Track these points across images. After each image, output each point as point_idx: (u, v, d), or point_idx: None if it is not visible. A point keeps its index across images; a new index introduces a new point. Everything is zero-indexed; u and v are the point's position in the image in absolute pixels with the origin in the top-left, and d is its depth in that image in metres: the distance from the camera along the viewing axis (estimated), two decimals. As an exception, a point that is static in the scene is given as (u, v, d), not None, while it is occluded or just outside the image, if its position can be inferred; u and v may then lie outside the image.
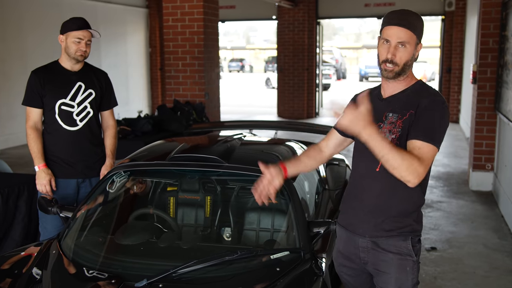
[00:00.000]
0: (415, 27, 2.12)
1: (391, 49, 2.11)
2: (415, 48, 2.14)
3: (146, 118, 6.48)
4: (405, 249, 2.20)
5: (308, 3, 13.02)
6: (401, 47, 2.11)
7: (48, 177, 3.27)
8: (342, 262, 2.40)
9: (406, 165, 1.96)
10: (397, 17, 2.13)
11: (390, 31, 2.12)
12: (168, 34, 7.40)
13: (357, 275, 2.39)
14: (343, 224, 2.36)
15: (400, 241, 2.19)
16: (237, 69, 44.55)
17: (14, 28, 9.68)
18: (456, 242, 4.90)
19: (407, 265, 2.21)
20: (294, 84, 13.52)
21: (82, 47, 3.26)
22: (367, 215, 2.23)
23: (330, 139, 2.46)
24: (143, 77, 14.17)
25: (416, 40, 2.14)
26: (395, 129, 2.14)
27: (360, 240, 2.26)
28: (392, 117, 2.16)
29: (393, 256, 2.20)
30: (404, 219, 2.20)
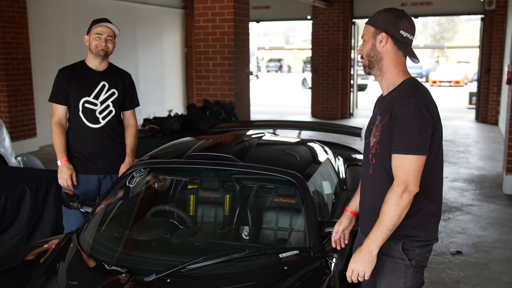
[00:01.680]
0: (372, 18, 2.18)
1: (360, 46, 2.25)
2: (373, 38, 2.15)
3: (175, 117, 6.58)
4: (396, 252, 2.19)
5: (343, 3, 12.92)
6: (363, 42, 2.22)
7: (69, 172, 3.39)
8: None
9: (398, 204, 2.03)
10: None
11: None
12: (199, 34, 7.50)
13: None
14: (362, 228, 2.39)
15: (392, 244, 2.18)
16: (275, 69, 44.56)
17: (54, 28, 10.01)
18: (483, 247, 4.79)
19: (399, 268, 2.19)
20: (328, 85, 13.45)
21: (102, 42, 3.37)
22: (367, 216, 2.28)
23: None
24: (179, 76, 14.39)
25: (373, 31, 2.15)
26: (377, 132, 2.15)
27: (364, 239, 2.27)
28: (378, 119, 2.17)
29: (385, 258, 2.21)
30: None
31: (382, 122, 2.12)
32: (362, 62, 2.24)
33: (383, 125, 2.11)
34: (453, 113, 15.04)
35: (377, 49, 2.16)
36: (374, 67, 2.19)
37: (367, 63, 2.20)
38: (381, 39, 2.14)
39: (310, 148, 3.57)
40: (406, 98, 2.07)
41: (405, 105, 2.04)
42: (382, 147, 2.12)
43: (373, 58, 2.17)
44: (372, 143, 2.16)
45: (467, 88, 25.81)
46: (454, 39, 53.38)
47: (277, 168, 2.92)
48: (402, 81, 2.16)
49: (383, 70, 2.18)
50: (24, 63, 9.09)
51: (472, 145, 10.00)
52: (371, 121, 2.26)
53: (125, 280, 2.36)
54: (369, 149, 2.21)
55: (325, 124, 5.95)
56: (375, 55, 2.16)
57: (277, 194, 3.09)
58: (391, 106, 2.10)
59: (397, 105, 2.07)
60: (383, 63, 2.17)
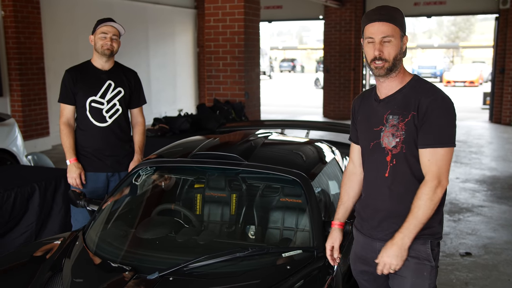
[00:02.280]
0: (396, 19, 2.08)
1: (377, 46, 2.08)
2: (400, 41, 2.09)
3: (185, 117, 6.60)
4: (423, 253, 2.15)
5: (355, 2, 12.87)
6: (386, 43, 2.07)
7: (78, 171, 3.42)
8: (359, 266, 2.38)
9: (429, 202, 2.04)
10: (377, 13, 2.09)
11: (372, 28, 2.09)
12: (210, 34, 7.52)
13: (373, 279, 2.36)
14: (360, 228, 2.34)
15: (419, 245, 2.15)
16: (288, 69, 44.52)
17: (67, 29, 10.11)
18: (493, 248, 4.74)
19: (425, 270, 2.16)
20: (340, 85, 13.40)
21: (108, 41, 3.39)
22: (385, 221, 2.20)
23: (354, 155, 2.42)
24: (191, 76, 14.44)
25: (400, 33, 2.09)
26: (398, 132, 2.10)
27: (378, 244, 2.23)
28: (393, 119, 2.11)
29: (411, 260, 2.15)
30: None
31: (405, 120, 2.08)
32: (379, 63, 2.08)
33: (407, 122, 2.07)
34: (466, 113, 14.90)
35: (402, 50, 2.12)
36: (394, 70, 2.10)
37: (390, 66, 2.08)
38: (405, 42, 2.12)
39: (317, 148, 3.56)
40: (432, 92, 2.08)
41: (436, 100, 2.05)
42: (408, 145, 2.09)
43: (398, 61, 2.10)
44: (393, 143, 2.11)
45: (481, 88, 25.55)
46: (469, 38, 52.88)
47: (281, 167, 2.92)
48: (410, 78, 2.15)
49: (400, 71, 2.14)
50: (38, 62, 9.19)
51: (485, 145, 9.90)
52: (373, 123, 2.18)
53: (128, 278, 2.37)
54: (383, 151, 2.15)
55: (335, 124, 5.93)
56: (400, 58, 2.11)
57: (282, 193, 3.09)
58: (413, 102, 2.07)
59: (425, 100, 2.05)
60: (401, 64, 2.14)
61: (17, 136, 6.06)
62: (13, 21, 8.64)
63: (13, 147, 5.96)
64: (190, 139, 3.75)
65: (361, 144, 2.30)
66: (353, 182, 2.43)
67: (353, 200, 2.45)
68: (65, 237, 2.85)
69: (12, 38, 8.72)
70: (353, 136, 2.41)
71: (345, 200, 2.45)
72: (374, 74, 2.14)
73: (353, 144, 2.42)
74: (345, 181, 2.46)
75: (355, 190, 2.43)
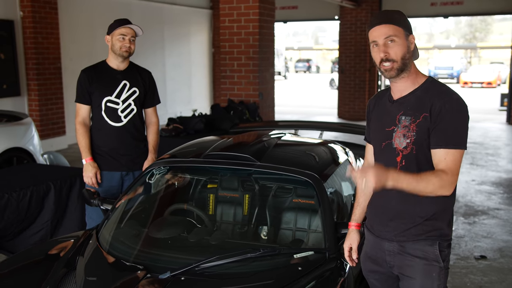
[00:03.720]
0: (397, 19, 2.10)
1: (381, 48, 2.09)
2: (406, 40, 2.10)
3: (199, 117, 6.63)
4: (432, 254, 2.15)
5: (371, 3, 12.81)
6: (390, 43, 2.08)
7: (94, 170, 3.46)
8: (369, 266, 2.38)
9: (437, 185, 1.98)
10: (377, 18, 2.13)
11: (374, 32, 2.12)
12: (224, 34, 7.54)
13: (384, 280, 2.36)
14: (370, 228, 2.34)
15: (427, 246, 2.15)
16: (304, 69, 44.45)
17: (84, 29, 10.21)
18: (509, 252, 4.68)
19: (433, 271, 2.15)
20: (355, 85, 13.35)
21: (126, 43, 3.43)
22: (393, 221, 2.20)
23: (369, 155, 2.43)
24: (206, 76, 14.49)
25: (404, 32, 2.10)
26: (409, 133, 2.10)
27: (387, 244, 2.23)
28: (405, 120, 2.11)
29: (419, 261, 2.15)
30: (433, 222, 2.15)
31: (416, 122, 2.08)
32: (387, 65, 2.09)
33: (419, 124, 2.07)
34: (483, 115, 14.73)
35: (410, 49, 2.12)
36: (405, 70, 2.11)
37: (400, 66, 2.09)
38: (411, 41, 2.13)
39: (330, 149, 3.55)
40: (446, 94, 2.08)
41: (450, 101, 2.05)
42: (418, 146, 2.09)
43: (407, 60, 2.10)
44: (404, 144, 2.11)
45: (499, 89, 25.23)
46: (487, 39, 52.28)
47: (293, 168, 2.92)
48: (425, 80, 2.16)
49: (410, 71, 2.14)
50: (55, 62, 9.30)
51: (502, 147, 9.78)
52: (386, 124, 2.19)
53: (140, 277, 2.39)
54: (393, 151, 2.15)
55: (349, 125, 5.91)
56: (409, 57, 2.12)
57: (294, 194, 3.09)
58: (426, 104, 2.07)
59: (438, 101, 2.05)
60: (411, 64, 2.14)
61: (33, 135, 6.14)
62: (31, 21, 8.75)
63: (30, 146, 6.04)
64: (203, 139, 3.76)
65: (373, 144, 2.31)
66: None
67: (368, 200, 2.44)
68: (79, 235, 2.89)
69: (30, 39, 8.84)
70: (368, 136, 2.42)
71: (361, 201, 2.45)
72: (385, 76, 2.16)
73: (368, 144, 2.43)
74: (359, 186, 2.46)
75: (370, 191, 2.42)
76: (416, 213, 2.13)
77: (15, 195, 3.72)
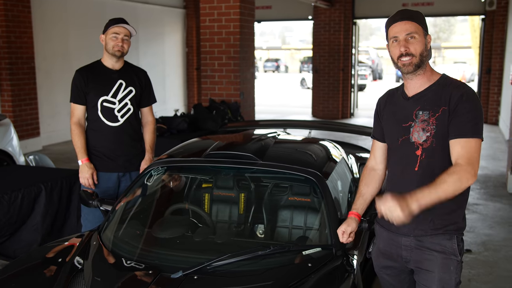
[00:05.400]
0: (418, 18, 2.18)
1: (402, 43, 2.16)
2: (424, 38, 2.18)
3: (182, 117, 6.60)
4: (450, 248, 2.20)
5: (344, 3, 12.96)
6: (411, 39, 2.16)
7: (90, 171, 3.42)
8: (382, 262, 2.41)
9: (458, 182, 2.01)
10: (399, 14, 2.20)
11: (395, 28, 2.18)
12: (205, 34, 7.52)
13: (397, 274, 2.39)
14: (384, 224, 2.36)
15: (445, 240, 2.19)
16: (273, 69, 44.59)
17: (57, 28, 10.00)
18: (492, 245, 4.83)
19: (451, 264, 2.20)
20: (329, 85, 13.49)
21: (119, 42, 3.39)
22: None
23: (375, 152, 2.48)
24: (180, 76, 14.40)
25: (423, 31, 2.18)
26: (429, 126, 2.15)
27: (404, 239, 2.26)
28: (423, 114, 2.17)
29: (437, 254, 2.20)
30: (450, 217, 2.19)
31: (435, 115, 2.14)
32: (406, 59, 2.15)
33: (439, 117, 2.13)
34: (452, 113, 15.08)
35: (427, 48, 2.19)
36: (422, 67, 2.18)
37: (418, 62, 2.16)
38: (429, 40, 2.20)
39: (325, 147, 3.60)
40: (462, 87, 2.15)
41: (467, 94, 2.12)
42: (438, 140, 2.14)
43: (425, 57, 2.18)
44: (424, 138, 2.16)
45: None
46: (450, 39, 53.56)
47: (297, 166, 2.95)
48: (440, 76, 2.23)
49: (426, 69, 2.21)
50: (28, 62, 9.09)
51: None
52: (402, 119, 2.24)
53: (152, 277, 2.38)
54: (413, 145, 2.19)
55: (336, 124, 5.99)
56: (427, 55, 2.19)
57: (297, 192, 3.12)
58: (443, 97, 2.13)
59: (456, 93, 2.12)
60: (427, 63, 2.22)
61: (13, 137, 6.01)
62: (4, 20, 8.53)
63: (9, 147, 5.90)
64: (198, 139, 3.76)
65: (388, 141, 2.34)
66: (373, 177, 2.49)
67: (371, 193, 2.49)
68: (83, 237, 2.84)
69: (2, 37, 8.61)
70: (376, 134, 2.46)
71: (364, 192, 2.49)
72: (402, 72, 2.21)
73: (375, 141, 2.47)
74: (365, 175, 2.52)
75: (374, 185, 2.48)
76: (434, 208, 2.15)
77: (6, 197, 3.64)
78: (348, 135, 8.70)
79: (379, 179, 2.49)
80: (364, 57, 29.81)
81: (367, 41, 51.74)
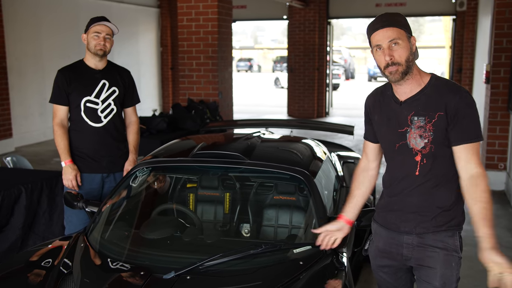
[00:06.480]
0: (399, 22, 2.12)
1: (386, 51, 2.10)
2: (409, 42, 2.12)
3: (161, 117, 6.56)
4: (452, 245, 2.22)
5: (319, 3, 13.05)
6: (394, 46, 2.10)
7: (74, 172, 3.36)
8: (380, 261, 2.41)
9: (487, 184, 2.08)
10: (379, 21, 2.14)
11: (377, 36, 2.12)
12: (183, 33, 7.47)
13: (394, 273, 2.41)
14: (383, 223, 2.36)
15: (447, 237, 2.21)
16: (246, 68, 44.58)
17: (30, 28, 9.80)
18: (469, 241, 4.90)
19: (453, 260, 2.22)
20: (304, 84, 13.57)
21: (101, 41, 3.34)
22: (413, 214, 2.24)
23: (367, 152, 2.46)
24: (155, 76, 14.28)
25: (406, 34, 2.12)
26: (426, 133, 2.13)
27: (405, 237, 2.26)
28: (419, 120, 2.14)
29: (439, 251, 2.21)
30: (451, 213, 2.20)
31: (432, 121, 2.12)
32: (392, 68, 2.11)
33: (435, 123, 2.11)
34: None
35: (413, 51, 2.14)
36: (409, 72, 2.13)
37: (405, 69, 2.11)
38: (413, 42, 2.15)
39: (310, 146, 3.63)
40: (456, 90, 2.12)
41: (464, 97, 2.10)
42: (437, 145, 2.13)
43: (411, 62, 2.12)
44: (422, 144, 2.15)
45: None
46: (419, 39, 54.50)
47: (285, 165, 2.96)
48: (429, 78, 2.19)
49: (414, 72, 2.16)
50: (-1, 62, 8.89)
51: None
52: (397, 125, 2.21)
53: (143, 278, 2.36)
54: (411, 151, 2.18)
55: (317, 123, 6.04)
56: (413, 59, 2.13)
57: (285, 191, 3.13)
58: (439, 103, 2.11)
59: (452, 98, 2.09)
60: (414, 65, 2.17)
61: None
62: (-26, 19, 8.33)
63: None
64: (181, 140, 3.74)
65: (384, 146, 2.32)
66: (366, 178, 2.48)
67: (364, 196, 2.49)
68: (70, 240, 2.80)
69: (-28, 37, 8.41)
70: (368, 135, 2.43)
71: (356, 194, 2.48)
72: (390, 80, 2.16)
73: (368, 142, 2.45)
74: (358, 176, 2.50)
75: (367, 186, 2.48)
76: (435, 204, 2.19)
77: (-14, 200, 3.55)
78: (324, 133, 8.78)
79: (371, 179, 2.48)
80: (337, 56, 30.07)
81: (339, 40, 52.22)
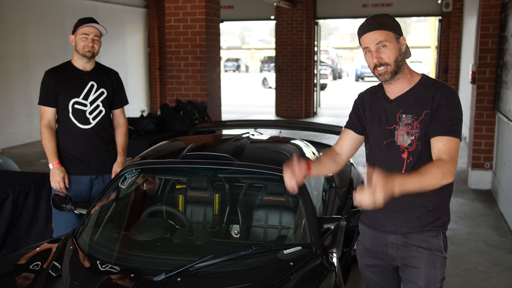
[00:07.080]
0: (386, 24, 2.16)
1: (374, 54, 2.16)
2: (397, 42, 2.17)
3: (149, 118, 6.53)
4: (436, 245, 2.24)
5: (306, 3, 13.09)
6: (382, 48, 2.14)
7: (62, 174, 3.34)
8: (367, 260, 2.42)
9: (440, 175, 2.01)
10: (366, 24, 2.19)
11: (365, 39, 2.17)
12: (170, 34, 7.45)
13: (381, 272, 2.42)
14: (369, 223, 2.38)
15: (431, 237, 2.23)
16: (233, 69, 44.55)
17: (15, 27, 9.70)
18: (457, 240, 4.99)
19: (437, 260, 2.24)
20: (292, 84, 13.60)
21: (89, 42, 3.32)
22: (398, 213, 2.25)
23: (344, 140, 2.45)
24: (142, 77, 14.22)
25: (394, 35, 2.16)
26: (413, 130, 2.17)
27: (390, 236, 2.28)
28: (407, 118, 2.18)
29: (424, 251, 2.23)
30: (436, 213, 2.22)
31: (419, 119, 2.15)
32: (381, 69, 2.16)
33: (422, 121, 2.15)
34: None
35: (402, 51, 2.18)
36: (399, 72, 2.18)
37: (394, 69, 2.16)
38: (403, 43, 2.19)
39: (299, 146, 3.64)
40: (444, 88, 2.16)
41: (449, 94, 2.14)
42: (423, 142, 2.16)
43: (400, 62, 2.17)
44: (409, 141, 2.17)
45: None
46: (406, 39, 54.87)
47: (275, 166, 2.97)
48: (421, 77, 2.23)
49: (404, 72, 2.20)
50: (-16, 62, 8.79)
51: (433, 142, 10.31)
52: (386, 122, 2.24)
53: (133, 280, 2.35)
54: (398, 149, 2.20)
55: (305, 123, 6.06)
56: (402, 59, 2.18)
57: (276, 192, 3.14)
58: (426, 100, 2.15)
59: (438, 94, 2.13)
60: (404, 65, 2.21)
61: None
62: (-42, 19, 8.23)
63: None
64: (169, 141, 3.73)
65: (371, 142, 2.34)
66: (334, 160, 2.43)
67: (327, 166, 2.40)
68: (58, 243, 2.77)
69: (-43, 37, 8.30)
70: (351, 124, 2.42)
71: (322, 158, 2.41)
72: (380, 80, 2.21)
73: (348, 129, 2.44)
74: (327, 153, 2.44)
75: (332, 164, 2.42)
76: (420, 204, 2.21)
77: (-28, 203, 3.50)
78: (313, 134, 8.80)
79: (339, 163, 2.44)
80: (324, 56, 30.17)
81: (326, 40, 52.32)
